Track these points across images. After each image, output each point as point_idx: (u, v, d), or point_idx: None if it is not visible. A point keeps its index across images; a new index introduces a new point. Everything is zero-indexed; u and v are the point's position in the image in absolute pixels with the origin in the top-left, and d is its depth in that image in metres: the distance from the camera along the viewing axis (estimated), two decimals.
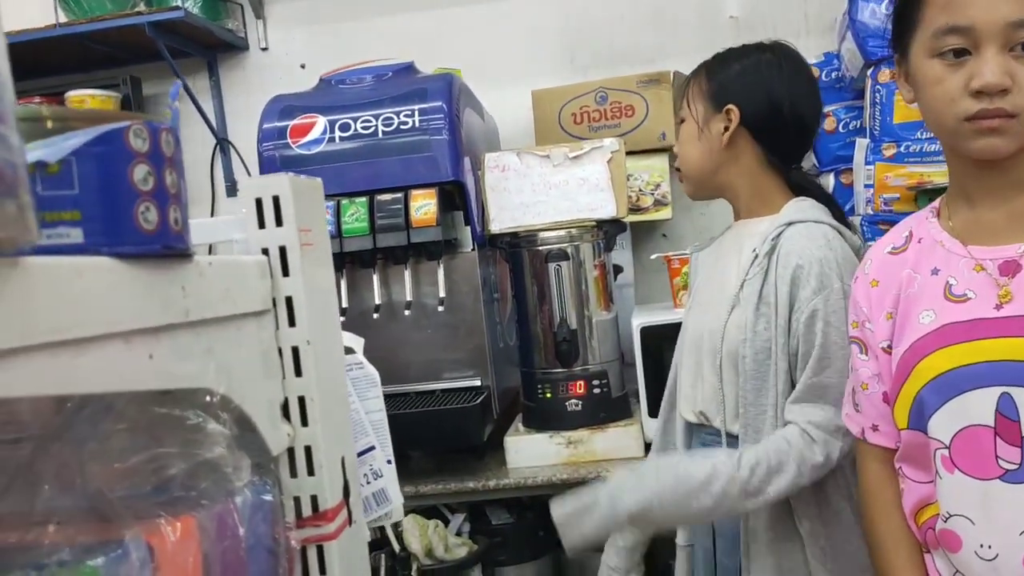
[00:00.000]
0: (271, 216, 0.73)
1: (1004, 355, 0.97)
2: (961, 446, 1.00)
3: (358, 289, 2.09)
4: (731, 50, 1.50)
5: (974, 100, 0.97)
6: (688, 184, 1.55)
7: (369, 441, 0.87)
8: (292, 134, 2.01)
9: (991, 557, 0.97)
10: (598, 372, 2.10)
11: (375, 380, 0.90)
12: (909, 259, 1.12)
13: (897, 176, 2.06)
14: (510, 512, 2.18)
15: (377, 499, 0.90)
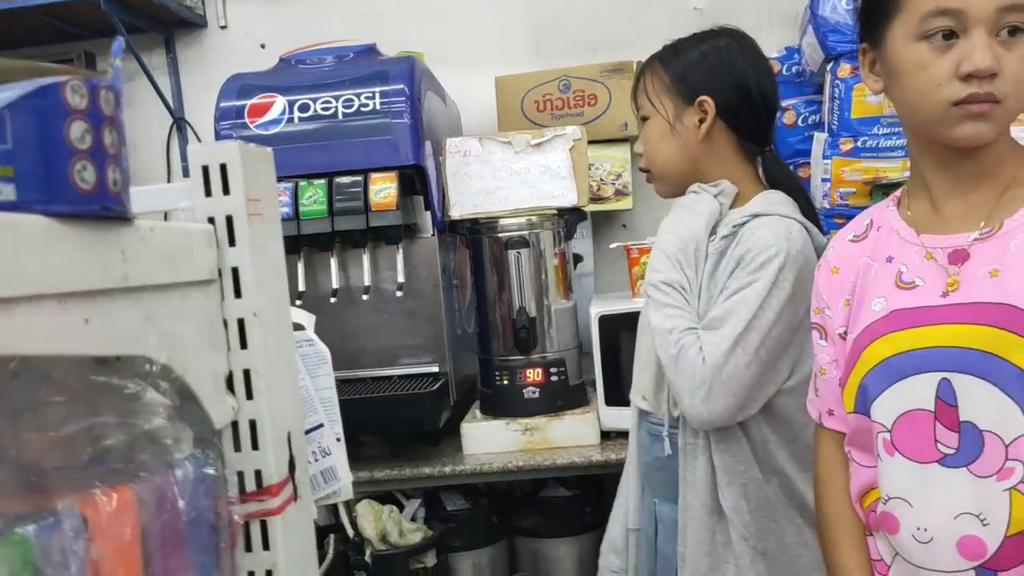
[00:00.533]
0: (218, 184, 0.72)
1: (945, 341, 0.99)
2: (902, 430, 1.01)
3: (315, 272, 2.06)
4: (682, 41, 1.48)
5: (963, 84, 0.96)
6: (662, 184, 1.51)
7: (318, 418, 0.86)
8: (250, 113, 1.98)
9: (927, 540, 0.99)
10: (556, 360, 2.11)
11: (325, 358, 0.89)
12: (867, 247, 1.13)
13: (854, 170, 2.09)
14: (465, 498, 2.18)
15: (325, 477, 0.88)
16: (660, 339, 1.37)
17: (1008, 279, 0.97)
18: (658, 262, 1.42)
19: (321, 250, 2.02)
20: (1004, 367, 0.94)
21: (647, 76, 1.47)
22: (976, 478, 0.95)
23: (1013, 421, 0.94)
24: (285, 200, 1.92)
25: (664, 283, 1.39)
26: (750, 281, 1.32)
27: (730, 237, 1.37)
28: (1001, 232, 1.00)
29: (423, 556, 1.95)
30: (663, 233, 1.45)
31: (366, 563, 1.91)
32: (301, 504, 0.77)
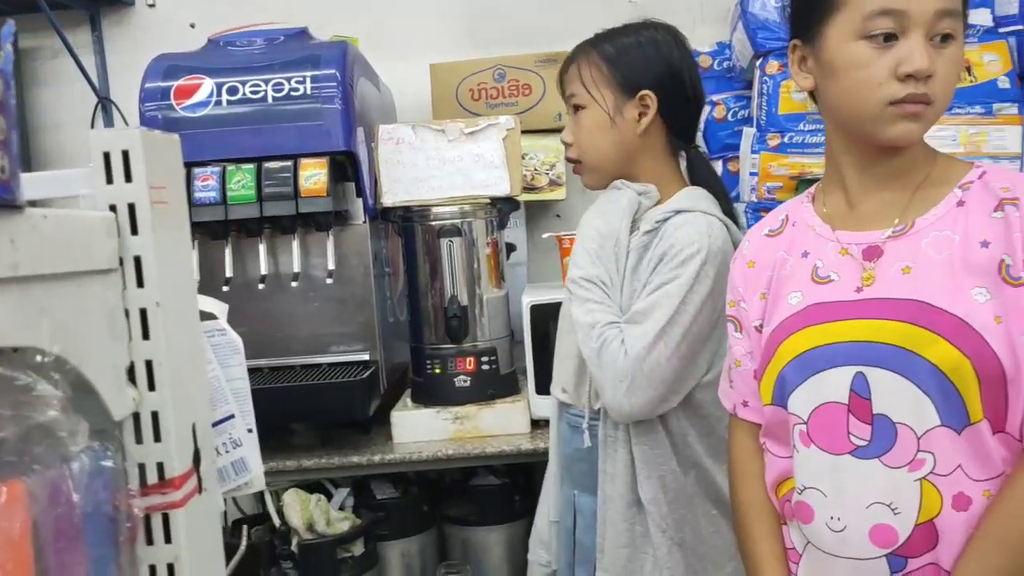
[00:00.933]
0: (120, 171, 0.70)
1: (859, 336, 1.02)
2: (817, 422, 1.04)
3: (244, 258, 2.03)
4: (616, 32, 1.48)
5: (901, 85, 0.99)
6: (593, 176, 1.50)
7: (229, 409, 0.85)
8: (176, 95, 1.93)
9: (840, 528, 1.02)
10: (487, 349, 2.11)
11: (238, 347, 0.88)
12: (783, 242, 1.16)
13: (780, 165, 2.13)
14: (395, 487, 2.17)
15: (236, 468, 0.87)
16: (582, 334, 1.38)
17: (920, 276, 1.00)
18: (579, 257, 1.43)
19: (249, 236, 1.99)
20: (917, 362, 0.97)
21: (583, 65, 1.45)
22: (888, 469, 0.99)
23: (925, 414, 0.97)
24: (212, 184, 1.89)
25: (584, 279, 1.40)
26: (673, 277, 1.34)
27: (652, 233, 1.39)
28: (913, 230, 1.03)
29: (351, 545, 1.94)
30: (584, 228, 1.46)
31: (292, 553, 1.89)
32: (206, 496, 0.76)
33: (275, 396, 1.95)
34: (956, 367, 0.96)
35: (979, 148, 1.95)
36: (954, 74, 1.01)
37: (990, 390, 0.96)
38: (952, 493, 0.97)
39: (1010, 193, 0.99)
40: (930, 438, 0.97)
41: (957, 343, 0.96)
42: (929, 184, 1.05)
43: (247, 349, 2.07)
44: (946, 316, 0.97)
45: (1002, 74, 1.99)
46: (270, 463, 1.95)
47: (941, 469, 0.97)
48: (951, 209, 1.02)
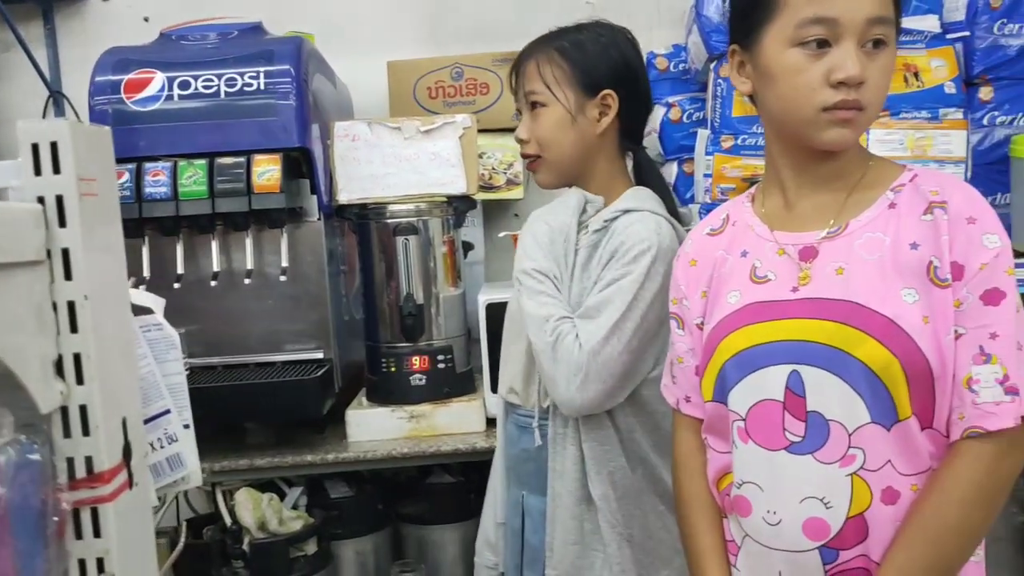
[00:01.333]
0: (48, 163, 0.69)
1: (794, 335, 1.04)
2: (755, 418, 1.06)
3: (196, 255, 2.01)
4: (574, 30, 1.48)
5: (834, 91, 1.01)
6: (550, 173, 1.49)
7: (164, 404, 0.84)
8: (127, 89, 1.91)
9: (776, 522, 1.04)
10: (443, 347, 2.11)
11: (174, 342, 0.87)
12: (724, 241, 1.18)
13: (734, 167, 2.16)
14: (350, 486, 2.16)
15: (171, 464, 0.87)
16: (535, 326, 1.38)
17: (852, 277, 1.03)
18: (531, 250, 1.43)
19: (202, 232, 1.97)
20: (848, 361, 1.00)
21: (543, 63, 1.45)
22: (821, 464, 1.01)
23: (856, 411, 1.00)
24: (163, 180, 1.87)
25: (538, 271, 1.41)
26: (624, 273, 1.35)
27: (602, 231, 1.41)
28: (847, 232, 1.06)
29: (303, 544, 1.93)
30: (535, 222, 1.46)
31: (244, 552, 1.88)
32: (137, 491, 0.76)
33: (228, 394, 1.93)
34: (885, 366, 0.98)
35: (925, 152, 2.00)
36: (886, 80, 1.03)
37: (918, 388, 0.99)
38: (881, 487, 1.00)
39: (939, 196, 1.02)
40: (861, 435, 1.00)
41: (886, 343, 0.98)
42: (863, 186, 1.08)
43: (200, 346, 2.07)
44: (876, 316, 1.00)
45: (948, 80, 2.03)
46: (223, 461, 1.94)
47: (871, 464, 1.00)
48: (883, 211, 1.05)
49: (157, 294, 1.99)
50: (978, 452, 0.98)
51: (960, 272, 0.99)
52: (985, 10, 2.03)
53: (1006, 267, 0.99)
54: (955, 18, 2.07)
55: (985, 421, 0.97)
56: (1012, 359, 0.97)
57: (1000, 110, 2.02)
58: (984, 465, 0.98)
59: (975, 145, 2.00)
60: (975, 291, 0.98)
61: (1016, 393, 0.97)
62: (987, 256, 0.98)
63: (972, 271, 0.98)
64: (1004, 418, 0.96)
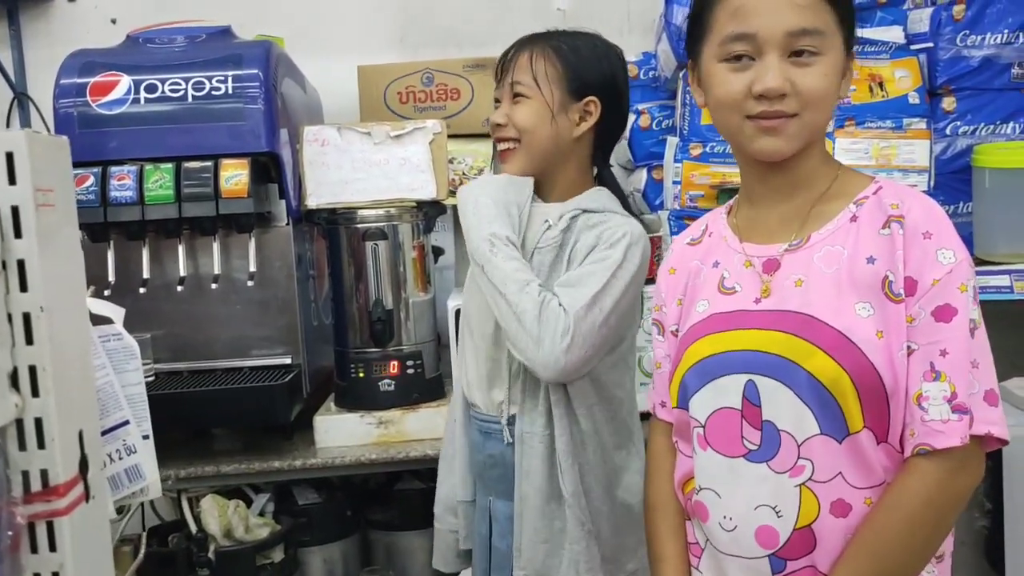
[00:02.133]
0: (2, 174, 0.68)
1: (751, 345, 1.05)
2: (714, 426, 1.08)
3: (162, 260, 1.99)
4: (571, 33, 1.50)
5: (756, 102, 1.03)
6: (522, 161, 1.47)
7: (123, 415, 0.83)
8: (92, 92, 1.89)
9: (731, 528, 1.06)
10: (412, 353, 2.10)
11: (134, 352, 0.86)
12: (700, 251, 1.20)
13: (702, 175, 2.18)
14: (319, 492, 2.15)
15: (130, 475, 0.86)
16: (516, 287, 1.35)
17: (810, 289, 1.04)
18: (491, 216, 1.41)
19: (168, 237, 1.96)
20: (798, 372, 1.01)
21: (536, 57, 1.45)
22: (774, 473, 1.02)
23: (805, 423, 1.01)
24: (129, 184, 1.86)
25: (508, 238, 1.39)
26: (603, 257, 1.38)
27: (567, 231, 1.42)
28: (808, 244, 1.07)
29: (270, 551, 1.92)
30: (477, 194, 1.45)
31: (210, 560, 1.86)
32: (94, 504, 0.75)
33: (195, 400, 1.92)
34: (834, 379, 0.99)
35: (890, 161, 2.03)
36: (822, 86, 1.03)
37: (870, 402, 0.99)
38: (830, 500, 1.01)
39: (898, 210, 1.02)
40: (809, 446, 1.01)
41: (835, 356, 0.99)
42: (828, 198, 1.09)
43: (166, 352, 2.04)
44: (827, 329, 1.00)
45: (912, 90, 2.07)
46: (189, 468, 1.92)
47: (820, 476, 1.01)
48: (844, 224, 1.06)
49: (123, 299, 1.97)
50: (926, 470, 0.98)
51: (913, 287, 0.99)
52: (948, 22, 2.06)
53: (959, 283, 0.98)
54: (919, 29, 2.10)
55: (933, 439, 0.97)
56: (962, 377, 0.97)
57: (962, 120, 2.06)
58: (932, 483, 0.98)
59: (938, 155, 2.04)
60: (927, 307, 0.99)
61: (964, 412, 0.97)
62: (940, 272, 0.98)
63: (925, 287, 0.99)
64: (951, 436, 0.96)
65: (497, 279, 1.37)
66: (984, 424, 0.97)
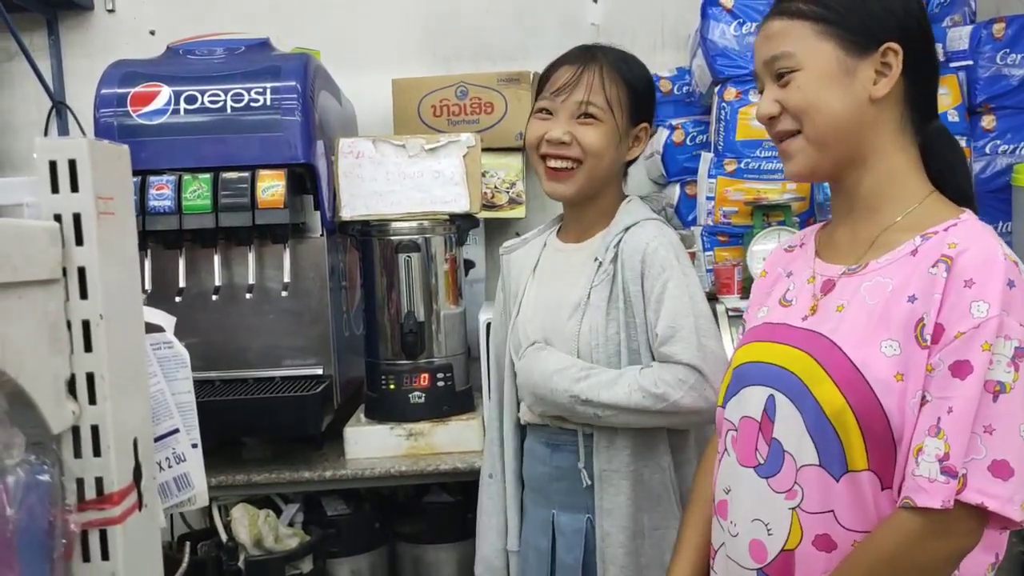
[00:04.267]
0: (66, 181, 0.69)
1: (780, 360, 1.05)
2: (740, 431, 1.09)
3: (198, 269, 2.01)
4: (628, 58, 1.52)
5: (767, 127, 1.10)
6: (580, 183, 1.47)
7: (173, 424, 0.84)
8: (133, 102, 1.91)
9: (735, 534, 1.07)
10: (443, 365, 2.10)
11: (184, 361, 0.86)
12: (789, 259, 1.20)
13: (736, 190, 2.16)
14: (347, 503, 2.15)
15: (179, 484, 0.86)
16: (623, 399, 1.38)
17: (846, 317, 1.02)
18: (549, 381, 1.43)
19: (204, 246, 1.97)
20: (807, 396, 1.00)
21: (607, 80, 1.45)
22: (772, 492, 1.03)
23: (805, 450, 1.00)
24: (167, 193, 1.87)
25: (582, 370, 1.41)
26: (664, 288, 1.40)
27: (615, 260, 1.44)
28: (865, 271, 1.04)
29: (299, 562, 1.92)
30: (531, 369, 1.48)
31: (239, 569, 1.86)
32: (147, 513, 0.75)
33: (226, 409, 1.92)
34: (837, 412, 0.97)
35: None
36: (800, 96, 1.04)
37: (875, 443, 0.96)
38: (815, 532, 0.99)
39: (952, 251, 0.97)
40: (804, 473, 1.00)
41: (843, 389, 0.97)
42: (900, 227, 1.04)
43: (199, 361, 2.05)
44: (844, 360, 0.98)
45: (951, 108, 2.05)
46: (220, 477, 1.92)
47: (809, 506, 0.99)
48: (903, 256, 1.01)
49: (158, 307, 1.99)
50: (903, 524, 0.94)
51: (940, 335, 0.94)
52: (988, 40, 2.05)
53: (984, 340, 0.91)
54: (958, 47, 2.08)
55: (916, 495, 0.92)
56: (960, 439, 0.91)
57: (1003, 139, 2.04)
58: (902, 539, 0.94)
59: (978, 173, 2.02)
60: (947, 359, 0.93)
61: (952, 475, 0.91)
62: (968, 324, 0.92)
63: (949, 337, 0.93)
64: (933, 497, 0.91)
65: (613, 413, 1.39)
66: (978, 494, 0.91)
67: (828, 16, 1.04)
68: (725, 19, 2.14)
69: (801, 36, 1.04)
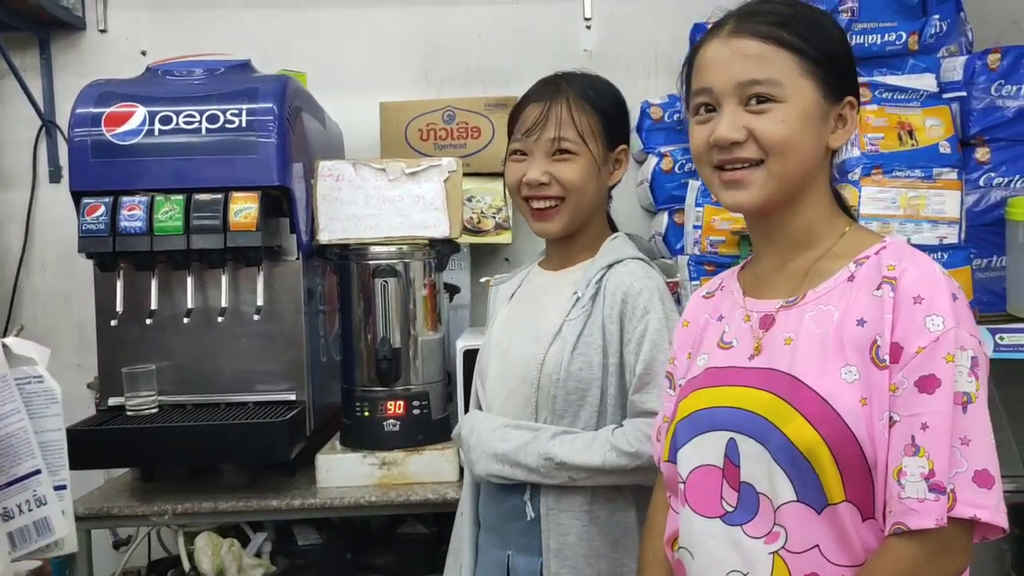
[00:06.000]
0: None
1: (737, 402, 1.01)
2: (693, 484, 1.04)
3: (170, 291, 1.99)
4: (592, 79, 1.49)
5: (717, 152, 1.03)
6: (565, 220, 1.45)
7: (35, 464, 0.79)
8: (107, 122, 1.90)
9: None
10: (419, 392, 2.06)
11: (55, 396, 0.82)
12: (711, 305, 1.17)
13: (724, 220, 2.12)
14: (320, 533, 2.10)
15: (38, 529, 0.81)
16: (611, 460, 1.35)
17: (797, 349, 0.99)
18: (508, 447, 1.40)
19: (177, 268, 1.95)
20: (775, 434, 0.96)
21: (576, 112, 1.43)
22: (748, 538, 0.98)
23: (780, 488, 0.96)
24: (139, 214, 1.86)
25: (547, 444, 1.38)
26: (644, 328, 1.37)
27: (595, 296, 1.41)
28: (803, 302, 1.03)
29: None
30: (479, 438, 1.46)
31: None
32: None
33: (193, 434, 1.89)
34: (811, 447, 0.94)
35: (918, 212, 1.95)
36: (779, 131, 1.00)
37: (852, 474, 0.93)
38: (803, 572, 0.95)
39: (893, 271, 0.97)
40: (784, 512, 0.96)
41: (815, 423, 0.94)
42: (830, 256, 1.05)
43: (170, 384, 2.03)
44: (810, 394, 0.96)
45: (943, 139, 1.99)
46: (185, 503, 1.89)
47: (793, 546, 0.95)
48: (841, 283, 1.01)
49: (130, 329, 1.96)
50: (901, 552, 0.91)
51: (898, 354, 0.93)
52: (983, 71, 1.99)
53: (946, 352, 0.92)
54: (952, 78, 2.03)
55: (907, 518, 0.90)
56: (942, 453, 0.90)
57: (997, 171, 1.98)
58: (904, 568, 0.91)
59: (970, 206, 1.96)
60: (910, 376, 0.92)
61: (942, 491, 0.90)
62: (926, 339, 0.92)
63: (909, 354, 0.93)
64: (926, 517, 0.89)
65: (587, 475, 1.36)
66: (969, 507, 0.90)
67: (811, 54, 1.01)
68: None
69: (786, 68, 1.00)
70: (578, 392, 1.38)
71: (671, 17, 2.49)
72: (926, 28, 2.06)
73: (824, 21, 1.05)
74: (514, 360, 1.46)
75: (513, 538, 1.44)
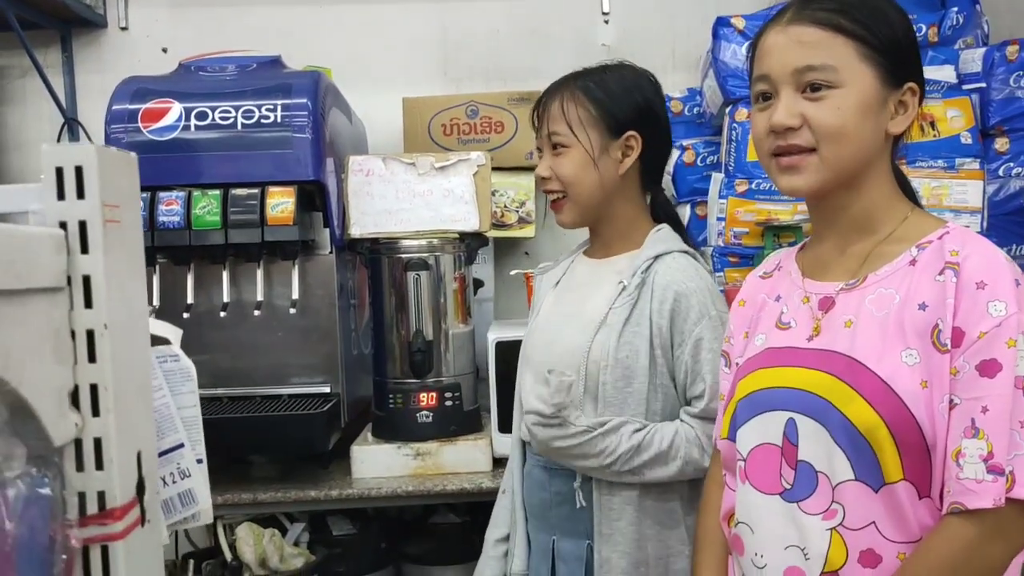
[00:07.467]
0: (72, 188, 0.68)
1: (797, 383, 1.04)
2: (755, 461, 1.07)
3: (207, 285, 2.00)
4: (598, 71, 1.49)
5: (773, 138, 1.05)
6: (572, 212, 1.48)
7: (178, 438, 0.82)
8: (144, 118, 1.91)
9: (762, 565, 1.04)
10: (451, 384, 2.09)
11: (191, 374, 0.85)
12: (769, 285, 1.19)
13: (748, 211, 2.15)
14: (353, 523, 2.13)
15: (183, 500, 0.84)
16: (688, 475, 1.38)
17: (858, 332, 1.02)
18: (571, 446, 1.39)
19: (213, 262, 1.96)
20: (835, 415, 0.99)
21: (567, 104, 1.44)
22: (805, 514, 1.01)
23: (839, 466, 0.98)
24: (176, 209, 1.87)
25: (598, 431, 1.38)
26: (701, 330, 1.38)
27: (642, 286, 1.41)
28: (864, 285, 1.05)
29: None
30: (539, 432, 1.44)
31: None
32: (149, 528, 0.73)
33: (233, 427, 1.91)
34: (871, 428, 0.96)
35: (941, 202, 1.99)
36: (834, 119, 1.02)
37: (910, 454, 0.96)
38: (860, 548, 0.98)
39: (956, 257, 0.99)
40: (842, 490, 0.98)
41: (875, 404, 0.96)
42: (892, 240, 1.06)
43: (207, 377, 2.04)
44: (870, 376, 0.98)
45: (964, 130, 2.03)
46: (225, 495, 1.90)
47: (851, 523, 0.98)
48: (903, 267, 1.03)
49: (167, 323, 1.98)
50: (957, 531, 0.94)
51: (960, 338, 0.95)
52: (1002, 62, 2.04)
53: (1008, 338, 0.93)
54: (972, 69, 2.07)
55: (965, 498, 0.93)
56: (1001, 436, 0.92)
57: (1016, 161, 2.02)
58: (960, 546, 0.93)
59: (991, 196, 2.00)
60: (972, 360, 0.94)
61: (999, 473, 0.92)
62: (989, 324, 0.94)
63: (971, 339, 0.95)
64: (984, 497, 0.91)
65: (638, 463, 1.37)
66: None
67: (871, 41, 1.03)
68: (737, 40, 2.14)
69: (844, 54, 1.02)
70: (625, 379, 1.39)
71: (689, 11, 2.52)
72: (945, 20, 2.11)
73: (885, 7, 1.06)
74: (560, 348, 1.48)
75: (559, 523, 1.46)
